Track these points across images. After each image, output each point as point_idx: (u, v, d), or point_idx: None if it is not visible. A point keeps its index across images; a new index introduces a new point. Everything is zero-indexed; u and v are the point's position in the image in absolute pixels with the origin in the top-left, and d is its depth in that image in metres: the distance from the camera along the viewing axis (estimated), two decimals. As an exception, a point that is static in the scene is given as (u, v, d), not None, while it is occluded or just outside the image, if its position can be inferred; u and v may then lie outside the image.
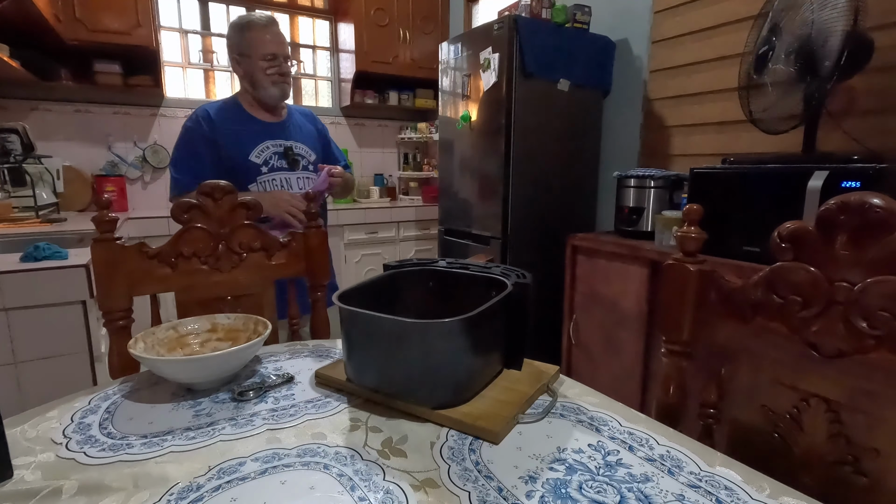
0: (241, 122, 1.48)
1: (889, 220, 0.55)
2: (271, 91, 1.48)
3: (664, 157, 2.16)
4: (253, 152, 1.46)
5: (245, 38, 1.46)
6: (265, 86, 1.48)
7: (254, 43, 1.45)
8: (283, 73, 1.48)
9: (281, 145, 1.50)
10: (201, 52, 3.23)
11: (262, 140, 1.47)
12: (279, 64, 1.47)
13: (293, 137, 1.54)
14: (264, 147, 1.47)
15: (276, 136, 1.51)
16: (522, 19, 2.08)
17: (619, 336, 1.77)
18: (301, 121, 1.62)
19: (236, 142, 1.45)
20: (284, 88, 1.50)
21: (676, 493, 0.51)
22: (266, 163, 1.47)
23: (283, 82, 1.49)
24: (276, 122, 1.54)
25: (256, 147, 1.46)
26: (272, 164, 1.48)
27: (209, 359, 0.73)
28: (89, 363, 1.32)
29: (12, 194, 2.27)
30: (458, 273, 0.84)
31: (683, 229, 0.76)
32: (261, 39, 1.46)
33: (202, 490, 0.51)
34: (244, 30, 1.47)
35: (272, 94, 1.48)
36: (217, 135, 1.43)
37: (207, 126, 1.43)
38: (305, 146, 1.56)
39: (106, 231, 0.91)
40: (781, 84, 1.42)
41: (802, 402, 0.65)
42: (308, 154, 1.57)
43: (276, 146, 1.50)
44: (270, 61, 1.46)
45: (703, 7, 1.94)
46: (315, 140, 1.62)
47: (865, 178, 1.16)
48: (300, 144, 1.55)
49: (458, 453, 0.58)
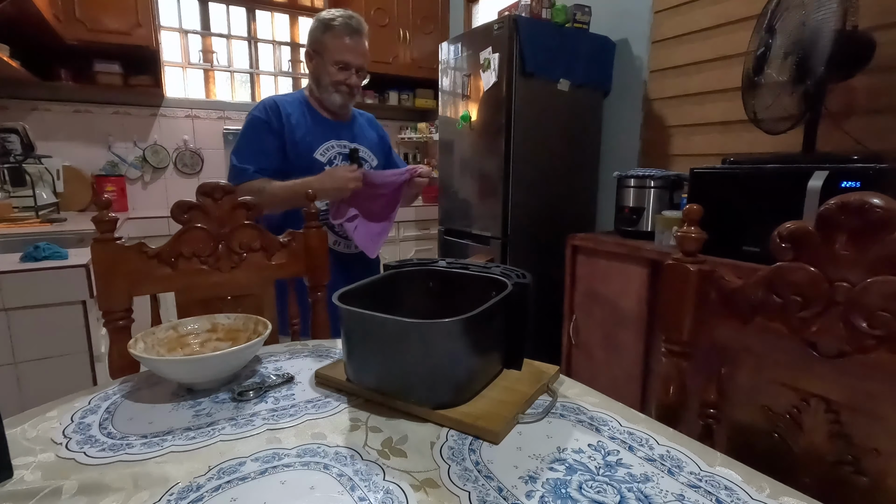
0: (308, 119, 1.44)
1: (889, 220, 0.55)
2: (333, 97, 1.44)
3: (664, 157, 2.16)
4: (318, 150, 1.42)
5: (324, 38, 1.40)
6: (329, 90, 1.43)
7: (331, 46, 1.40)
8: (351, 84, 1.43)
9: (346, 146, 1.47)
10: (201, 52, 3.23)
11: (328, 139, 1.45)
12: (350, 75, 1.42)
13: (358, 140, 1.51)
14: (329, 146, 1.44)
15: (341, 136, 1.48)
16: (522, 19, 2.09)
17: (619, 336, 1.77)
18: (364, 125, 1.59)
19: (302, 138, 1.41)
20: (347, 99, 1.46)
21: (676, 493, 0.51)
22: (330, 162, 1.44)
23: (347, 93, 1.45)
24: (343, 122, 1.51)
25: (322, 145, 1.43)
26: (336, 164, 1.44)
27: (209, 359, 0.73)
28: (89, 363, 1.32)
29: (12, 194, 2.27)
30: (458, 273, 0.84)
31: (683, 229, 0.76)
32: (339, 45, 1.40)
33: (202, 490, 0.51)
34: (326, 29, 1.40)
35: (333, 100, 1.44)
36: (284, 128, 1.39)
37: (276, 118, 1.39)
38: (369, 151, 1.53)
39: (106, 231, 0.91)
40: (780, 84, 1.42)
41: (802, 402, 0.65)
42: (371, 158, 1.53)
43: (341, 146, 1.46)
44: (342, 69, 1.41)
45: (703, 7, 1.94)
46: (377, 146, 1.59)
47: (865, 178, 1.16)
48: (364, 148, 1.51)
49: (458, 453, 0.58)
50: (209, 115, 3.19)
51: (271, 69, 3.48)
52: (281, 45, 3.49)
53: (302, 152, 1.40)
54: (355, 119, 1.56)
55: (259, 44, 3.41)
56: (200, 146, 3.17)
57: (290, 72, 3.54)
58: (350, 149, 1.45)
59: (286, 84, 3.55)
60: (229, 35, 3.31)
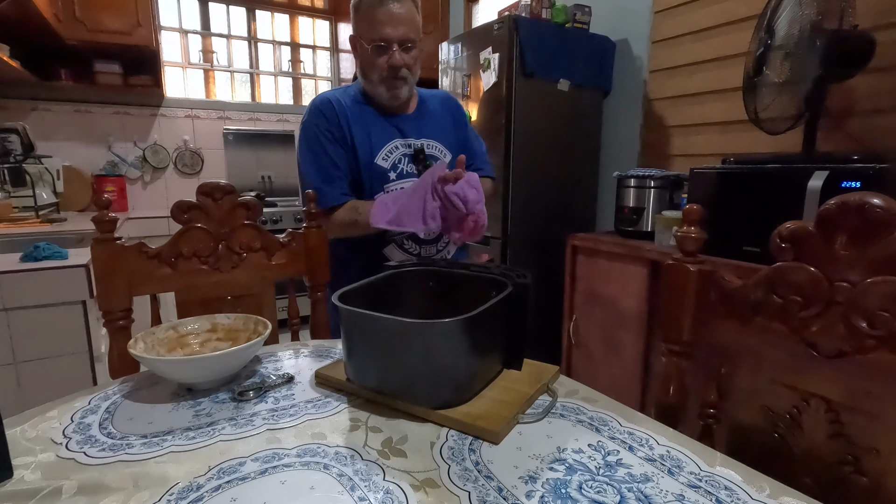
0: (366, 117, 1.19)
1: (889, 220, 0.55)
2: (378, 89, 1.17)
3: (664, 157, 2.16)
4: (380, 154, 1.18)
5: (357, 19, 1.15)
6: (373, 81, 1.16)
7: (363, 23, 1.13)
8: (394, 65, 1.12)
9: (411, 145, 1.21)
10: (201, 52, 3.23)
11: (391, 139, 1.19)
12: (390, 54, 1.11)
13: (426, 133, 1.23)
14: (393, 147, 1.19)
15: (406, 132, 1.21)
16: (522, 19, 2.09)
17: (619, 336, 1.77)
18: (435, 109, 1.28)
19: (361, 140, 1.17)
20: (396, 87, 1.15)
21: (676, 493, 0.51)
22: (394, 167, 1.18)
23: (392, 78, 1.14)
24: (406, 114, 1.23)
25: (384, 147, 1.18)
26: (401, 169, 1.19)
27: (209, 359, 0.73)
28: (89, 363, 1.32)
29: (12, 194, 2.27)
30: (457, 273, 0.84)
31: (683, 229, 0.76)
32: (371, 19, 1.10)
33: (202, 490, 0.51)
34: (357, 8, 1.14)
35: (379, 93, 1.17)
36: (344, 130, 1.17)
37: (333, 120, 1.16)
38: (440, 143, 1.25)
39: (106, 231, 0.91)
40: (780, 84, 1.42)
41: (802, 402, 0.65)
42: (443, 153, 1.25)
43: (405, 146, 1.20)
44: (379, 49, 1.11)
45: (703, 7, 1.94)
46: (451, 132, 1.28)
47: (865, 178, 1.16)
48: (434, 142, 1.24)
49: (458, 453, 0.58)
50: (209, 115, 3.19)
51: (271, 69, 3.48)
52: (281, 45, 3.49)
53: (362, 158, 1.17)
54: (423, 104, 1.27)
55: (259, 44, 3.41)
56: (200, 146, 3.17)
57: (290, 72, 3.54)
58: (415, 147, 1.20)
59: (286, 84, 3.54)
60: (229, 35, 3.31)
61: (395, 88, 1.16)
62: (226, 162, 3.22)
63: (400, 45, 1.12)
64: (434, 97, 1.32)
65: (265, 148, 3.31)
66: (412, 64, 1.15)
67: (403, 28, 1.11)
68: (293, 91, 3.56)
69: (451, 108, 1.32)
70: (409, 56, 1.13)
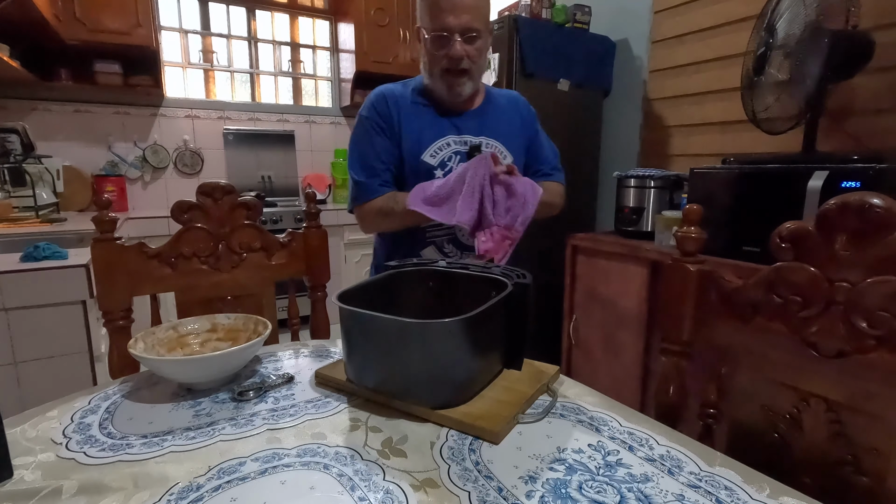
0: (421, 110, 1.13)
1: (889, 220, 0.55)
2: (438, 84, 1.10)
3: (664, 157, 2.16)
4: (429, 150, 1.12)
5: (421, 5, 1.09)
6: (433, 75, 1.09)
7: (425, 12, 1.06)
8: (454, 57, 1.03)
9: (467, 142, 1.13)
10: (201, 52, 3.22)
11: (445, 134, 1.13)
12: (450, 45, 1.03)
13: (487, 131, 1.16)
14: (444, 144, 1.12)
15: (464, 129, 1.14)
16: (522, 19, 2.08)
17: (619, 336, 1.77)
18: (502, 107, 1.21)
19: (410, 134, 1.12)
20: (456, 85, 1.08)
21: (676, 493, 0.51)
22: (443, 165, 1.13)
23: (453, 71, 1.06)
24: (468, 111, 1.17)
25: (434, 144, 1.12)
26: (450, 168, 1.12)
27: (209, 359, 0.73)
28: (89, 363, 1.32)
29: (12, 194, 2.27)
30: (458, 273, 0.84)
31: (683, 229, 0.76)
32: (433, 7, 1.04)
33: (202, 490, 0.51)
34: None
35: (438, 88, 1.11)
36: (394, 124, 1.12)
37: (383, 113, 1.13)
38: (501, 144, 1.17)
39: (106, 231, 0.91)
40: (780, 84, 1.42)
41: (802, 402, 0.65)
42: (501, 155, 1.17)
43: (460, 143, 1.13)
44: (439, 41, 1.03)
45: (703, 7, 1.94)
46: (517, 134, 1.21)
47: (865, 178, 1.16)
48: (494, 142, 1.16)
49: (458, 453, 0.58)
50: (209, 115, 3.19)
51: (271, 69, 3.48)
52: (281, 45, 3.49)
53: (410, 153, 1.12)
54: (490, 102, 1.20)
55: (259, 44, 3.41)
56: (200, 146, 3.17)
57: (290, 72, 3.54)
58: (471, 145, 1.12)
59: (286, 84, 3.54)
60: (229, 35, 3.31)
61: (456, 85, 1.08)
62: (226, 162, 3.22)
63: (462, 36, 1.03)
64: (503, 95, 1.24)
65: (265, 148, 3.31)
66: (476, 56, 1.06)
67: (466, 16, 1.02)
68: (293, 91, 3.55)
69: (520, 108, 1.24)
70: (473, 47, 1.05)
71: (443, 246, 1.17)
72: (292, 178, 3.42)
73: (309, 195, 1.17)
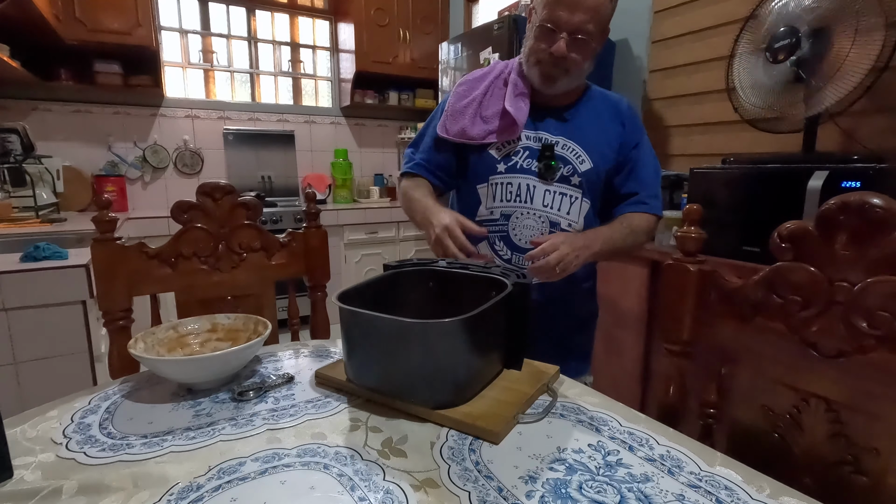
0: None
1: (889, 220, 0.55)
2: (531, 70, 1.03)
3: (664, 157, 2.16)
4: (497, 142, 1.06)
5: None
6: (530, 61, 1.02)
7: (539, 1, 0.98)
8: (557, 54, 0.96)
9: (541, 139, 1.04)
10: (201, 52, 3.22)
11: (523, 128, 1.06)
12: (555, 39, 0.96)
13: (570, 131, 1.05)
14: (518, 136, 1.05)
15: (545, 126, 1.06)
16: (522, 19, 2.08)
17: (619, 336, 1.77)
18: (600, 112, 1.09)
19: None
20: (549, 75, 1.00)
21: (676, 493, 0.51)
22: (507, 159, 1.04)
23: (549, 64, 0.99)
24: (556, 106, 1.07)
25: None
26: (516, 163, 1.04)
27: (209, 359, 0.73)
28: (89, 363, 1.32)
29: (12, 194, 2.27)
30: (457, 273, 0.84)
31: (683, 229, 0.76)
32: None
33: (202, 490, 0.51)
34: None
35: (532, 74, 1.03)
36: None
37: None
38: (582, 149, 1.05)
39: (106, 231, 0.91)
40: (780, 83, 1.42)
41: (802, 402, 0.65)
42: (578, 160, 1.04)
43: (535, 139, 1.05)
44: (546, 32, 0.97)
45: (703, 7, 1.94)
46: (609, 144, 1.07)
47: (865, 178, 1.16)
48: (574, 145, 1.04)
49: (458, 453, 0.58)
50: (209, 115, 3.19)
51: (271, 69, 3.48)
52: (281, 45, 3.49)
53: (474, 143, 1.06)
54: (588, 101, 1.10)
55: (259, 44, 3.41)
56: (200, 146, 3.17)
57: (290, 72, 3.54)
58: (544, 143, 1.03)
59: (286, 84, 3.54)
60: (229, 35, 3.31)
61: (550, 78, 1.00)
62: (226, 162, 3.22)
63: (571, 35, 0.95)
64: (607, 99, 1.12)
65: (265, 148, 3.31)
66: (580, 60, 0.98)
67: (582, 16, 0.93)
68: (293, 91, 3.55)
69: (623, 115, 1.09)
70: (579, 50, 0.96)
71: (494, 242, 1.07)
72: (292, 178, 3.42)
73: (309, 195, 1.17)
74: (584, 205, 1.05)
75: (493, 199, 1.06)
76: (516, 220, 1.04)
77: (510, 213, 1.04)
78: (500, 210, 1.05)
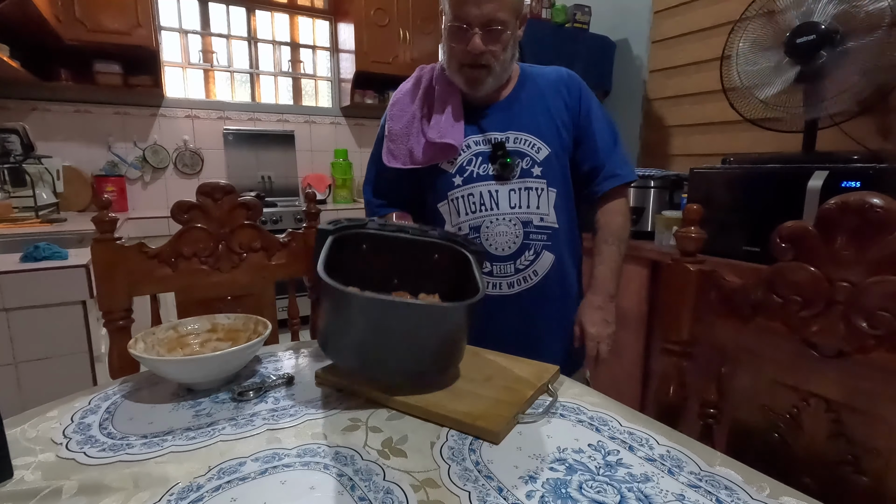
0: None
1: (889, 220, 0.55)
2: (456, 77, 0.98)
3: (664, 157, 2.16)
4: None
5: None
6: (451, 66, 0.98)
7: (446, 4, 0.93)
8: (474, 51, 0.91)
9: (490, 139, 0.99)
10: (201, 52, 3.22)
11: (467, 134, 1.00)
12: (469, 37, 0.91)
13: (516, 124, 0.99)
14: (465, 144, 0.99)
15: (489, 125, 1.00)
16: (522, 19, 2.08)
17: (620, 336, 1.76)
18: (540, 93, 1.02)
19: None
20: (476, 79, 0.95)
21: (676, 493, 0.51)
22: (462, 170, 0.99)
23: (471, 66, 0.94)
24: (494, 104, 1.02)
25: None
26: (471, 172, 0.98)
27: (209, 359, 0.72)
28: (89, 363, 1.32)
29: (12, 194, 2.27)
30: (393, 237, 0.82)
31: (683, 229, 0.76)
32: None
33: (202, 490, 0.51)
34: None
35: (457, 80, 0.99)
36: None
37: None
38: (534, 136, 0.99)
39: (106, 231, 0.91)
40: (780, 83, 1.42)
41: (802, 402, 0.65)
42: (534, 149, 0.98)
43: (483, 143, 0.99)
44: (457, 33, 0.92)
45: (703, 7, 1.94)
46: (555, 122, 1.00)
47: (865, 178, 1.16)
48: (525, 135, 0.99)
49: (458, 453, 0.58)
50: (209, 115, 3.19)
51: (271, 69, 3.48)
52: (281, 45, 3.49)
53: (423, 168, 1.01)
54: (523, 88, 1.03)
55: (259, 44, 3.41)
56: (200, 146, 3.17)
57: (290, 72, 3.54)
58: (494, 142, 0.98)
59: (286, 84, 3.54)
60: (229, 35, 3.31)
61: (476, 81, 0.96)
62: (226, 162, 3.22)
63: (483, 28, 0.90)
64: (543, 76, 1.05)
65: (265, 148, 3.31)
66: (499, 52, 0.92)
67: (490, 6, 0.88)
68: (293, 91, 3.55)
69: (561, 88, 1.02)
70: (495, 41, 0.91)
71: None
72: (292, 178, 3.42)
73: (309, 195, 1.17)
74: (551, 194, 1.00)
75: (457, 214, 1.00)
76: (487, 230, 0.98)
77: (479, 225, 0.98)
78: (467, 224, 0.99)
